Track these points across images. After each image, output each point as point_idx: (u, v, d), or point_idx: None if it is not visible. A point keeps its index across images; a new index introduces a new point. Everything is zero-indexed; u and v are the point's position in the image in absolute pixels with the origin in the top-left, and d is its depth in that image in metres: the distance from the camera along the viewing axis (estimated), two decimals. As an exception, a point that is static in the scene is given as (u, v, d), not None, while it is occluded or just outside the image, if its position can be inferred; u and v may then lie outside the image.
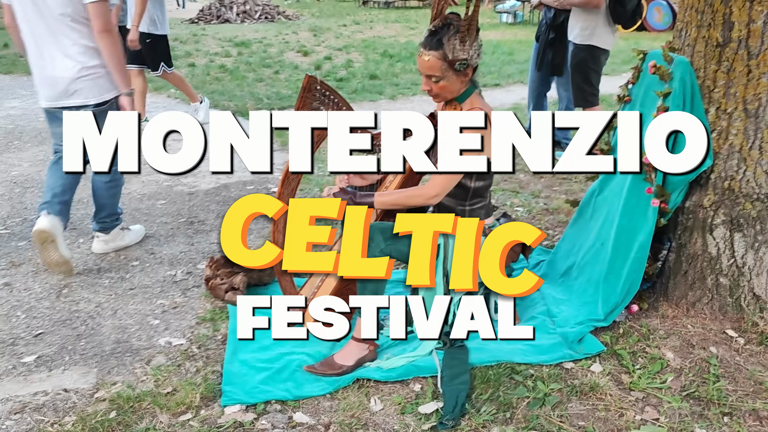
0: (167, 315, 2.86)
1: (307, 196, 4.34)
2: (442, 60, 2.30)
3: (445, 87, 2.35)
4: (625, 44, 12.45)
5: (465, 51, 2.30)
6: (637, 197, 2.67)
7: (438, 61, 2.31)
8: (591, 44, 4.56)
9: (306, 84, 2.29)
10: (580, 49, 4.59)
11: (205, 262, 3.33)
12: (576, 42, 4.61)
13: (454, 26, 2.31)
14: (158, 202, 4.24)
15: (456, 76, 2.34)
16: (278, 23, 17.02)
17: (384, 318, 2.74)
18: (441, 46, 2.30)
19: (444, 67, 2.31)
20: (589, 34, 4.54)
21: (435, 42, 2.31)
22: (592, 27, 4.52)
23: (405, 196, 2.42)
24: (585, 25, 4.53)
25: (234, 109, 7.10)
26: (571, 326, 2.62)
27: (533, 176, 4.80)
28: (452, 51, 2.29)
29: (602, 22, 4.52)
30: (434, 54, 2.31)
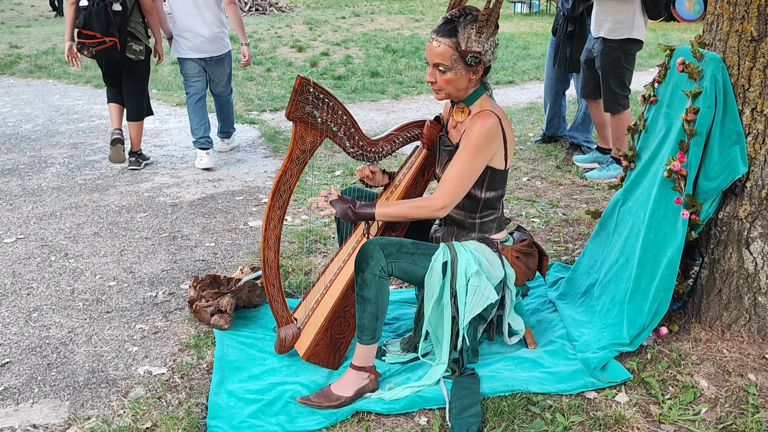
0: (147, 341, 2.86)
1: (302, 206, 4.35)
2: (453, 49, 2.32)
3: (452, 81, 2.35)
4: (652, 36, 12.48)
5: (480, 43, 2.31)
6: (665, 208, 2.66)
7: (449, 50, 2.32)
8: (629, 38, 4.42)
9: (298, 86, 2.29)
10: (613, 47, 4.45)
11: (189, 282, 3.33)
12: (609, 37, 4.45)
13: (473, 16, 2.32)
14: (138, 215, 4.25)
15: (465, 71, 2.34)
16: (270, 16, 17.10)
17: (386, 343, 2.74)
18: (455, 34, 2.31)
19: (454, 57, 2.32)
20: (628, 27, 4.41)
21: (449, 29, 2.32)
22: (630, 19, 4.38)
23: (409, 208, 2.42)
24: (621, 17, 4.38)
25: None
26: (594, 351, 2.61)
27: (551, 183, 4.80)
28: (466, 41, 2.30)
29: (639, 12, 4.39)
30: (446, 41, 2.32)
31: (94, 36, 4.79)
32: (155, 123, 6.71)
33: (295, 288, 3.27)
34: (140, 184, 4.87)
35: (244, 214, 4.29)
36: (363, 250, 2.34)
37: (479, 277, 2.40)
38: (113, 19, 4.78)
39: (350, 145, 2.49)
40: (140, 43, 4.97)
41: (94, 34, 4.78)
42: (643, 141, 2.99)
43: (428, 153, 2.70)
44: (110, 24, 4.78)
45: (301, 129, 2.36)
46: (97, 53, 4.83)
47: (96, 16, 4.74)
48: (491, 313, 2.54)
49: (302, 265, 3.48)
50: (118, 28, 4.83)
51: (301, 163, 2.40)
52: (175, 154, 5.64)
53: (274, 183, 2.40)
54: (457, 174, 2.35)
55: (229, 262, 3.59)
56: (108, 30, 4.78)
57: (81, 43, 4.82)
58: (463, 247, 2.47)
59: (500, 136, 2.37)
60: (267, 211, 2.42)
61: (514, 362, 2.62)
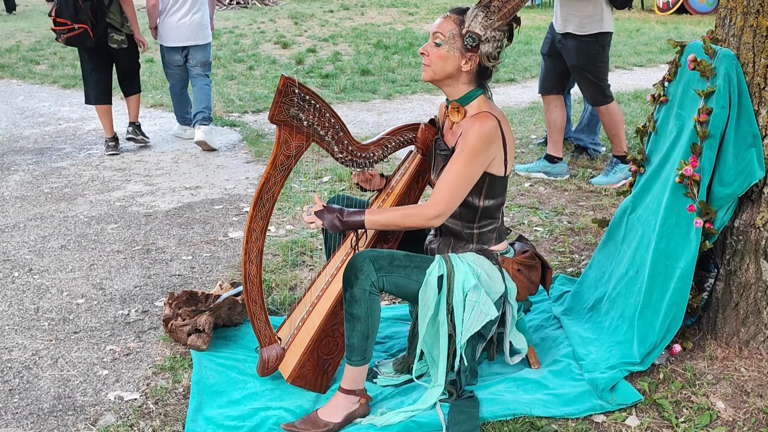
0: (118, 364, 2.84)
1: (287, 215, 4.35)
2: (456, 24, 2.38)
3: (442, 57, 2.38)
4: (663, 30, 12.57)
5: (483, 28, 2.36)
6: (677, 216, 2.67)
7: (452, 24, 2.38)
8: (601, 31, 4.58)
9: (282, 86, 2.29)
10: (589, 42, 4.59)
11: (163, 299, 3.32)
12: (581, 34, 4.59)
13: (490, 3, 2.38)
14: (109, 227, 4.24)
15: (459, 53, 2.37)
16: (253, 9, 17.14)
17: (378, 364, 2.73)
18: (464, 12, 2.41)
19: (454, 32, 2.37)
20: (597, 21, 4.55)
21: (463, 9, 2.42)
22: (598, 13, 4.54)
23: (401, 215, 2.42)
24: (588, 12, 4.53)
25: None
26: (602, 371, 2.61)
27: (555, 189, 4.81)
28: (470, 19, 2.37)
29: (605, 4, 4.57)
30: (453, 16, 2.40)
31: (66, 23, 5.35)
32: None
33: (279, 305, 3.26)
34: (111, 192, 4.86)
35: (223, 224, 4.28)
36: (352, 263, 2.34)
37: (478, 291, 2.40)
38: (81, 5, 5.32)
39: (338, 150, 2.49)
40: (120, 33, 5.57)
41: (65, 21, 5.34)
42: (652, 144, 3.00)
43: (423, 158, 2.70)
44: (78, 11, 5.32)
45: (285, 133, 2.36)
46: (68, 40, 5.38)
47: (65, 3, 5.31)
48: (491, 331, 2.53)
49: (287, 280, 3.48)
50: (90, 16, 5.35)
51: (285, 170, 2.40)
52: (150, 160, 5.63)
53: (256, 191, 2.40)
54: (453, 180, 2.36)
55: (208, 277, 3.58)
56: (77, 17, 5.32)
57: (55, 31, 5.40)
58: (460, 259, 2.47)
59: (499, 139, 2.38)
60: (248, 222, 2.41)
61: (516, 383, 2.61)
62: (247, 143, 6.04)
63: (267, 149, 5.79)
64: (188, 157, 5.71)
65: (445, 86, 2.46)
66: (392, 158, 5.36)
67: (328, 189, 4.79)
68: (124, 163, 5.53)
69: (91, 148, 6.00)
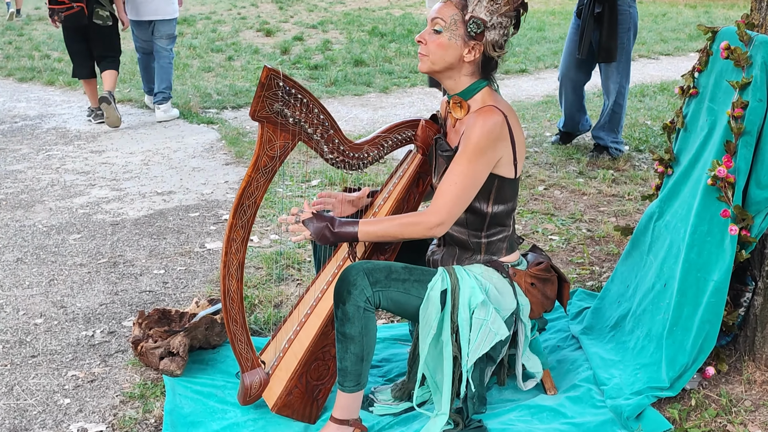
0: (81, 391, 2.84)
1: (271, 224, 4.35)
2: (459, 9, 2.38)
3: (442, 46, 2.39)
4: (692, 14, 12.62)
5: (489, 13, 2.37)
6: (710, 222, 2.68)
7: (453, 9, 2.38)
8: None
9: (264, 79, 2.30)
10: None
11: (132, 319, 3.31)
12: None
13: None
14: (70, 237, 4.24)
15: (462, 42, 2.37)
16: (232, -7, 17.16)
17: (374, 390, 2.73)
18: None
19: (456, 17, 2.37)
20: None
21: None
22: None
23: (398, 225, 2.42)
24: None
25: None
26: (626, 397, 2.61)
27: (572, 193, 4.82)
28: (474, 4, 2.37)
29: None
30: (456, 1, 2.39)
31: (63, 2, 6.22)
32: (92, 124, 6.70)
33: (262, 324, 3.26)
34: (73, 198, 4.86)
35: (200, 234, 4.28)
36: (344, 277, 2.34)
37: (486, 308, 2.40)
38: None
39: (328, 150, 2.49)
40: (105, 9, 6.37)
41: (63, 0, 6.21)
42: (682, 141, 3.01)
43: (424, 158, 2.70)
44: None
45: (268, 131, 2.37)
46: (66, 18, 6.23)
47: None
48: (501, 353, 2.53)
49: (271, 296, 3.47)
50: None
51: (269, 172, 2.40)
52: (117, 162, 5.63)
53: (236, 196, 2.40)
54: (456, 183, 2.36)
55: (182, 294, 3.58)
56: None
57: (51, 10, 6.22)
58: (466, 272, 2.47)
59: (507, 136, 2.38)
60: (228, 231, 2.41)
61: (530, 412, 2.61)
62: (226, 143, 6.04)
63: (249, 149, 5.79)
64: (160, 158, 5.71)
65: (446, 79, 2.46)
66: (389, 159, 5.37)
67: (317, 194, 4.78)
68: (88, 165, 5.54)
69: (50, 148, 6.00)
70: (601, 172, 5.16)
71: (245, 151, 5.75)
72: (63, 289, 3.63)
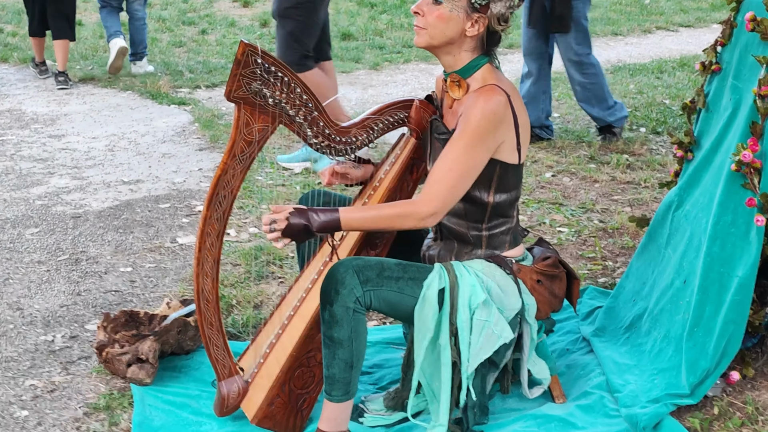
0: (41, 402, 2.83)
1: (250, 215, 4.35)
2: None
3: (443, 18, 2.37)
4: (715, -19, 12.62)
5: None
6: (734, 212, 2.68)
7: None
8: None
9: (241, 56, 2.29)
10: None
11: (97, 322, 3.31)
12: None
13: None
14: (27, 231, 4.22)
15: (464, 14, 2.37)
16: (205, -41, 17.10)
17: (364, 399, 2.73)
18: None
19: None
20: None
21: None
22: None
23: (386, 215, 2.41)
24: None
25: (140, 87, 7.10)
26: (642, 405, 2.62)
27: (583, 180, 4.83)
28: None
29: None
30: None
31: None
32: (51, 106, 6.67)
33: (241, 327, 3.26)
34: (30, 188, 4.84)
35: (171, 227, 4.27)
36: (331, 275, 2.34)
37: (488, 308, 2.41)
38: None
39: (312, 134, 2.48)
40: None
41: None
42: (703, 123, 3.02)
43: (418, 143, 2.70)
44: None
45: (246, 113, 2.36)
46: None
47: None
48: (505, 357, 2.54)
49: (251, 296, 3.47)
50: None
51: (246, 159, 2.40)
52: (78, 148, 5.62)
53: (210, 186, 2.39)
54: (451, 170, 2.35)
55: (152, 293, 3.57)
56: None
57: None
58: (465, 268, 2.47)
59: (509, 118, 2.38)
60: (201, 224, 2.41)
61: (537, 422, 2.62)
62: (199, 126, 6.03)
63: (224, 133, 5.78)
64: (126, 143, 5.70)
65: (444, 54, 2.46)
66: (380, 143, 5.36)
67: (301, 182, 4.78)
68: (46, 151, 5.52)
69: (4, 133, 5.97)
70: (615, 156, 5.16)
71: (221, 135, 5.73)
72: (19, 289, 3.62)
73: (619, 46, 9.19)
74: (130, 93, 7.02)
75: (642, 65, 8.01)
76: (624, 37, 9.71)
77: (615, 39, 9.63)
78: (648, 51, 8.86)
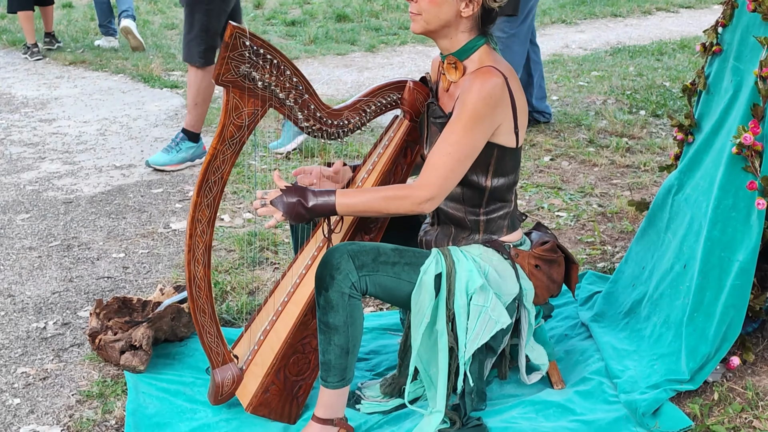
0: (32, 390, 2.83)
1: (244, 201, 4.34)
2: None
3: (435, 2, 2.37)
4: (716, -38, 12.59)
5: None
6: (735, 195, 2.68)
7: None
8: None
9: (229, 39, 2.28)
10: None
11: (89, 308, 3.31)
12: None
13: None
14: (18, 217, 4.22)
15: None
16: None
17: (361, 386, 2.74)
18: None
19: None
20: None
21: None
22: None
23: (382, 198, 2.41)
24: None
25: (132, 70, 7.08)
26: (642, 391, 2.63)
27: (582, 164, 4.83)
28: None
29: None
30: None
31: None
32: (41, 89, 6.65)
33: (235, 314, 3.26)
34: (20, 173, 4.84)
35: (164, 212, 4.27)
36: (327, 260, 2.34)
37: (485, 293, 2.41)
38: None
39: (303, 117, 2.48)
40: None
41: None
42: (703, 105, 3.01)
43: (412, 125, 2.69)
44: None
45: (235, 97, 2.35)
46: None
47: None
48: (503, 343, 2.55)
49: (245, 283, 3.47)
50: None
51: (236, 144, 2.39)
52: (70, 132, 5.60)
53: (200, 171, 2.39)
54: (449, 154, 2.35)
55: (145, 280, 3.57)
56: None
57: None
58: (463, 253, 2.47)
59: (507, 101, 2.37)
60: (192, 211, 2.41)
61: (535, 408, 2.63)
62: (192, 109, 6.01)
63: (217, 117, 5.72)
64: (118, 127, 5.69)
65: (441, 38, 2.45)
66: (374, 126, 5.36)
67: (296, 166, 4.77)
68: (37, 136, 5.50)
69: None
70: (614, 140, 5.17)
71: (213, 119, 5.72)
72: (10, 276, 3.62)
73: (619, 28, 9.18)
74: (121, 76, 7.01)
75: (642, 47, 8.01)
76: (624, 19, 9.70)
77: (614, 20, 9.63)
78: (648, 32, 8.85)
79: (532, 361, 2.63)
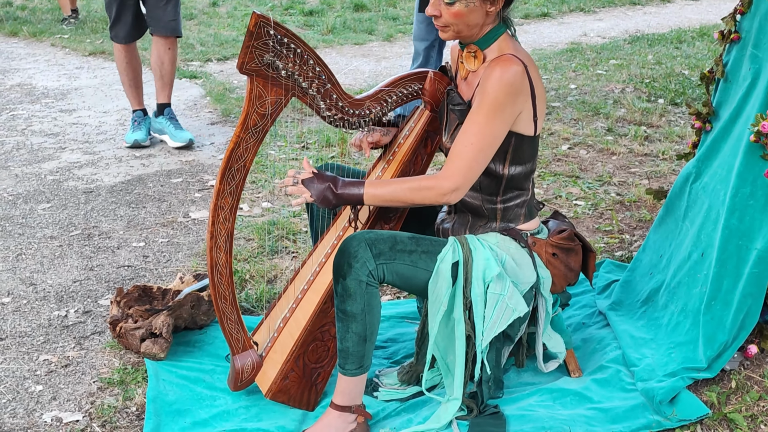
0: (55, 377, 2.86)
1: (263, 190, 4.36)
2: None
3: (461, 15, 2.37)
4: (736, -51, 12.48)
5: None
6: (753, 184, 2.67)
7: None
8: None
9: (253, 27, 2.29)
10: None
11: (110, 297, 3.33)
12: None
13: None
14: (39, 207, 4.25)
15: (480, 2, 2.36)
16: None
17: (379, 373, 2.75)
18: None
19: None
20: None
21: None
22: None
23: (408, 189, 2.42)
24: None
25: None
26: (659, 379, 2.63)
27: (600, 153, 4.81)
28: None
29: None
30: None
31: None
32: (61, 80, 6.68)
33: (254, 302, 3.27)
34: (42, 163, 4.87)
35: (183, 202, 4.29)
36: (344, 248, 2.35)
37: (502, 282, 2.41)
38: None
39: (326, 107, 2.49)
40: None
41: None
42: (722, 93, 3.00)
43: (432, 115, 2.70)
44: None
45: (258, 85, 2.37)
46: None
47: None
48: (520, 331, 2.55)
49: (264, 271, 3.49)
50: None
51: (259, 132, 2.41)
52: (90, 122, 5.63)
53: (223, 159, 2.40)
54: (472, 144, 2.36)
55: (165, 268, 3.60)
56: None
57: None
58: (480, 241, 2.48)
59: (527, 89, 2.37)
60: (215, 198, 2.42)
61: (552, 396, 2.64)
62: (211, 99, 6.03)
63: (236, 107, 5.78)
64: (138, 117, 5.70)
65: (469, 37, 2.45)
66: (394, 116, 5.35)
67: (314, 156, 4.79)
68: (57, 126, 5.53)
69: (15, 107, 5.99)
70: (633, 128, 5.15)
71: (233, 109, 5.74)
72: (32, 265, 3.65)
73: (638, 16, 9.13)
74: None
75: (661, 35, 7.96)
76: (643, 6, 9.64)
77: (633, 8, 9.56)
78: (667, 20, 8.80)
79: (549, 350, 2.64)
